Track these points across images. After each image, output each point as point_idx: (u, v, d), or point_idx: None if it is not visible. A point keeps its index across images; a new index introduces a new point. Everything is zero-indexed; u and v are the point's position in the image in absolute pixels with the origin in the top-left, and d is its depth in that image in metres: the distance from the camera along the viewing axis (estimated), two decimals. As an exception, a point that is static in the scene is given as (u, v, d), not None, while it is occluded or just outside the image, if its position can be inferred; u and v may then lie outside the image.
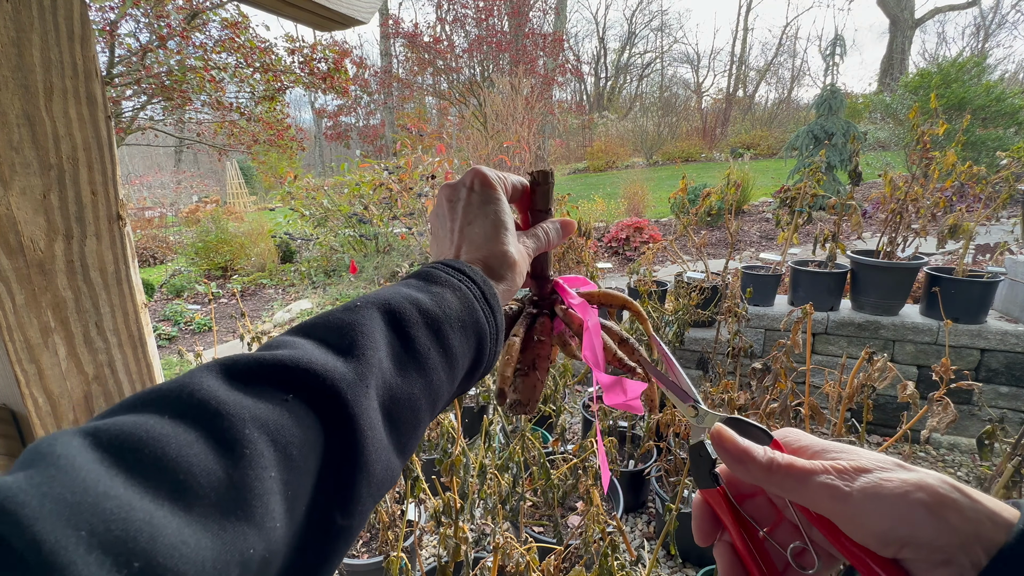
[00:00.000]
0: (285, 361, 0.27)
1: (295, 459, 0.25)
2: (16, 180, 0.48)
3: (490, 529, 1.64)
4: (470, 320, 0.38)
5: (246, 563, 0.21)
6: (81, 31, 0.52)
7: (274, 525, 0.23)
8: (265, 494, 0.23)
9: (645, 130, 19.87)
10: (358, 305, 0.34)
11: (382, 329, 0.33)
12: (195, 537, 0.20)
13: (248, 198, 16.10)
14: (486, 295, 0.40)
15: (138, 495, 0.19)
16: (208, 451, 0.22)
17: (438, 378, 0.35)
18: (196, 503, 0.21)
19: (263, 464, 0.23)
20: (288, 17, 0.73)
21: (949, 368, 1.58)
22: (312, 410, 0.27)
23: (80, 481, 0.18)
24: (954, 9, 22.67)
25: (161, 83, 6.04)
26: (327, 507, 0.27)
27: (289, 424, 0.25)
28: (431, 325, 0.35)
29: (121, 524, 0.18)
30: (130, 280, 0.59)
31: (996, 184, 2.82)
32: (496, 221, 0.46)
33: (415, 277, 0.39)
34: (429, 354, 0.34)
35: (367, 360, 0.30)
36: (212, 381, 0.25)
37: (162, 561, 0.18)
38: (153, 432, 0.21)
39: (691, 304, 2.60)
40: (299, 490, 0.25)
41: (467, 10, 15.56)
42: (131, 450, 0.21)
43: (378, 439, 0.30)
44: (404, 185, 6.04)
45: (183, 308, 5.82)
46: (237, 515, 0.22)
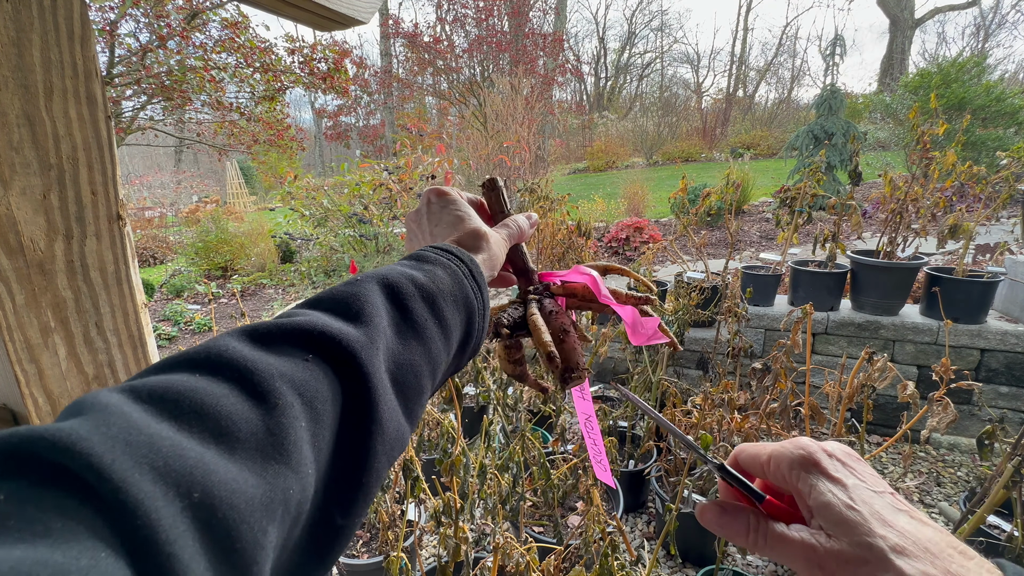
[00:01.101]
0: (304, 325, 0.29)
1: (319, 412, 0.26)
2: (16, 180, 0.48)
3: (490, 529, 1.64)
4: (460, 295, 0.40)
5: (287, 503, 0.23)
6: (81, 31, 0.52)
7: (308, 471, 0.24)
8: (299, 441, 0.24)
9: (645, 130, 19.87)
10: (359, 280, 0.35)
11: (383, 300, 0.35)
12: (243, 475, 0.21)
13: (248, 198, 16.09)
14: (472, 272, 0.43)
15: (186, 437, 0.20)
16: (244, 401, 0.23)
17: (436, 347, 0.37)
18: (239, 447, 0.22)
19: (294, 414, 0.25)
20: (288, 17, 0.73)
21: (949, 368, 1.58)
22: (331, 368, 0.28)
23: (133, 423, 0.19)
24: (954, 9, 22.67)
25: (161, 83, 6.04)
26: (347, 459, 0.28)
27: (312, 380, 0.27)
28: (427, 298, 0.37)
29: (178, 460, 0.19)
30: (130, 280, 0.59)
31: (996, 184, 2.82)
32: (459, 213, 0.51)
33: (407, 259, 0.42)
34: (427, 324, 0.36)
35: (375, 326, 0.32)
36: (236, 343, 0.26)
37: (218, 493, 0.19)
38: (189, 385, 0.22)
39: (691, 304, 2.60)
40: (323, 442, 0.26)
41: (467, 10, 15.56)
42: (171, 401, 0.21)
43: (389, 399, 0.31)
44: (404, 185, 6.04)
45: (183, 308, 5.81)
46: (276, 459, 0.23)
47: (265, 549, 0.21)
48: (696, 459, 1.69)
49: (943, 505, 2.25)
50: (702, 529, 1.98)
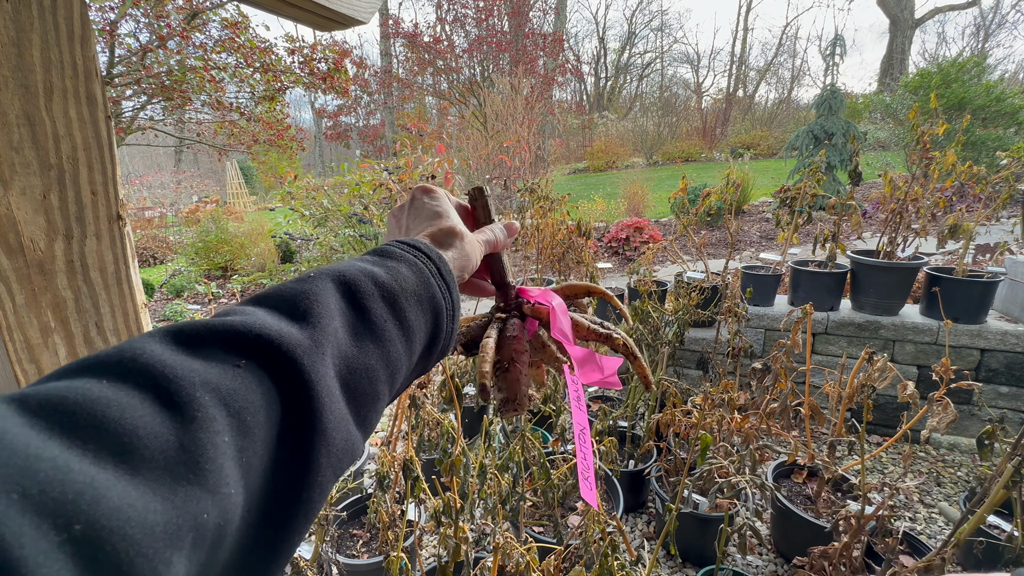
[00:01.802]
0: (237, 326, 0.26)
1: (249, 425, 0.24)
2: (16, 180, 0.48)
3: (490, 529, 1.64)
4: (426, 294, 0.38)
5: (199, 528, 0.20)
6: (81, 31, 0.52)
7: (228, 492, 0.22)
8: (218, 458, 0.22)
9: (645, 130, 19.86)
10: (312, 276, 0.33)
11: (336, 299, 0.32)
12: (143, 500, 0.18)
13: (248, 198, 16.09)
14: (441, 271, 0.40)
15: (76, 457, 0.18)
16: (155, 413, 0.21)
17: (395, 350, 0.34)
18: (143, 466, 0.19)
19: (215, 428, 0.22)
20: (288, 17, 0.73)
21: (949, 368, 1.58)
22: (267, 375, 0.26)
23: (7, 444, 0.17)
24: (954, 9, 22.66)
25: (161, 83, 6.04)
26: (285, 476, 0.26)
27: (242, 389, 0.24)
28: (387, 298, 0.35)
29: (58, 486, 0.17)
30: (130, 280, 0.59)
31: (996, 184, 2.82)
32: (438, 209, 0.48)
33: (370, 254, 0.39)
34: (385, 326, 0.34)
35: (323, 328, 0.30)
36: (156, 346, 0.23)
37: (106, 524, 0.17)
38: (90, 395, 0.20)
39: (691, 304, 2.60)
40: (254, 458, 0.24)
41: (467, 10, 15.56)
42: (66, 413, 0.19)
43: (336, 407, 0.29)
44: (404, 185, 6.04)
45: (183, 308, 5.81)
46: (188, 479, 0.20)
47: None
48: (695, 459, 1.69)
49: (943, 505, 2.25)
50: (702, 529, 1.97)
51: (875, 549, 1.60)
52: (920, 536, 1.86)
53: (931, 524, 2.16)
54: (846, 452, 2.50)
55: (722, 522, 1.50)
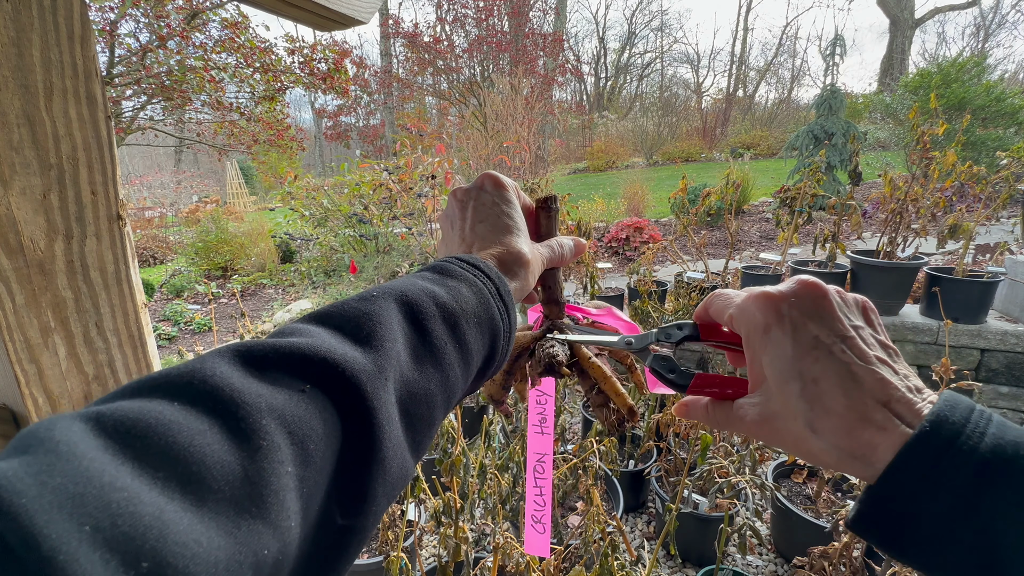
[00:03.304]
0: (304, 349, 0.26)
1: (312, 454, 0.24)
2: (16, 180, 0.48)
3: (490, 529, 1.64)
4: (485, 316, 0.37)
5: (259, 565, 0.20)
6: (81, 31, 0.52)
7: (289, 524, 0.22)
8: (282, 490, 0.22)
9: (645, 130, 19.87)
10: (374, 295, 0.32)
11: (399, 320, 0.31)
12: (207, 535, 0.18)
13: (248, 198, 16.09)
14: (500, 292, 0.39)
15: (146, 486, 0.18)
16: (222, 441, 0.21)
17: (454, 374, 0.33)
18: (209, 497, 0.19)
19: (280, 458, 0.22)
20: (288, 17, 0.73)
21: (949, 368, 1.58)
22: (331, 402, 0.25)
23: (83, 470, 0.17)
24: (954, 9, 22.67)
25: (161, 83, 6.04)
26: (342, 506, 0.25)
27: (307, 416, 0.24)
28: (448, 319, 0.34)
29: (129, 519, 0.16)
30: (130, 280, 0.59)
31: (996, 184, 2.82)
32: (509, 220, 0.45)
33: (429, 270, 0.38)
34: (446, 348, 0.33)
35: (386, 352, 0.29)
36: (225, 367, 0.23)
37: (172, 561, 0.17)
38: (162, 418, 0.20)
39: (691, 304, 2.60)
40: (314, 488, 0.24)
41: (467, 10, 15.56)
42: (139, 437, 0.19)
43: (395, 435, 0.28)
44: (404, 185, 6.04)
45: (183, 308, 5.81)
46: (252, 512, 0.20)
47: None
48: (695, 459, 1.69)
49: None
50: (702, 529, 1.97)
51: (875, 549, 1.60)
52: (920, 536, 1.86)
53: (931, 524, 2.16)
54: (846, 452, 2.50)
55: (722, 522, 1.50)
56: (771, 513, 2.07)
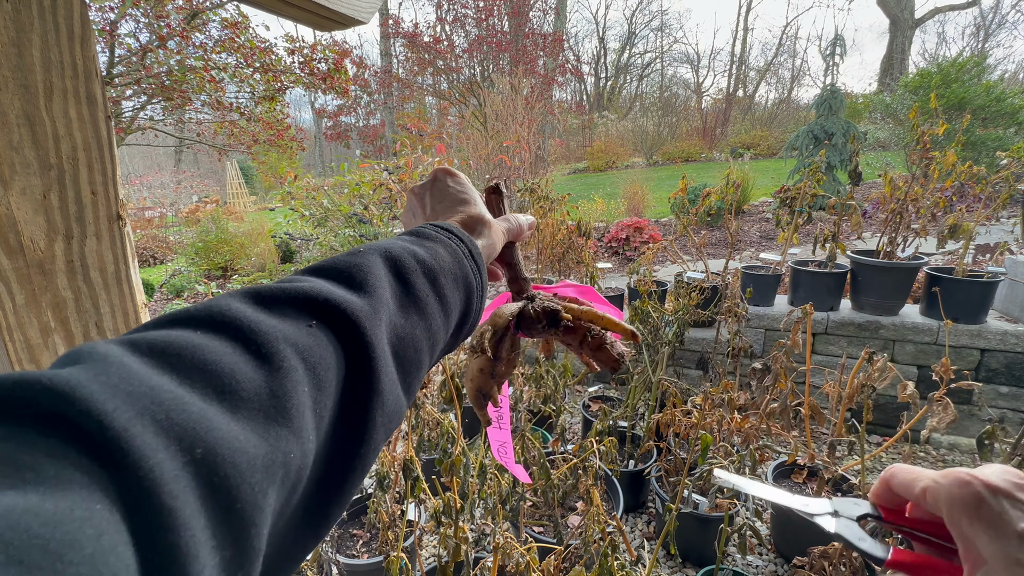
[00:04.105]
0: (308, 290, 0.28)
1: (322, 379, 0.26)
2: (16, 180, 0.48)
3: (490, 529, 1.64)
4: (460, 273, 0.40)
5: (287, 467, 0.22)
6: (81, 31, 0.52)
7: (309, 437, 0.24)
8: (302, 406, 0.24)
9: (645, 130, 19.86)
10: (362, 251, 0.35)
11: (385, 273, 0.34)
12: (245, 435, 0.20)
13: (248, 198, 16.08)
14: (472, 252, 0.42)
15: (188, 392, 0.20)
16: (248, 361, 0.23)
17: (436, 323, 0.37)
18: (242, 406, 0.21)
19: (298, 378, 0.24)
20: (288, 17, 0.73)
21: (949, 368, 1.58)
22: (334, 336, 0.28)
23: (134, 374, 0.18)
24: (954, 9, 22.66)
25: (161, 83, 6.03)
26: (347, 429, 0.28)
27: (315, 346, 0.26)
28: (428, 274, 0.37)
29: (181, 414, 0.18)
30: (130, 280, 0.59)
31: (996, 184, 2.82)
32: (464, 194, 0.51)
33: (408, 234, 0.41)
34: (428, 300, 0.36)
35: (378, 297, 0.32)
36: (239, 304, 0.25)
37: (220, 451, 0.19)
38: (191, 341, 0.22)
39: (691, 304, 2.60)
40: (324, 410, 0.26)
41: (467, 10, 15.56)
42: (173, 355, 0.21)
43: (389, 371, 0.31)
44: (404, 185, 6.04)
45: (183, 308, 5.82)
46: (279, 421, 0.22)
47: (264, 511, 0.20)
48: (695, 459, 1.69)
49: (943, 505, 2.25)
50: (702, 529, 1.97)
51: (875, 549, 1.60)
52: (920, 536, 1.86)
53: (931, 524, 2.16)
54: (846, 452, 2.50)
55: (722, 522, 1.50)
56: (771, 513, 2.06)
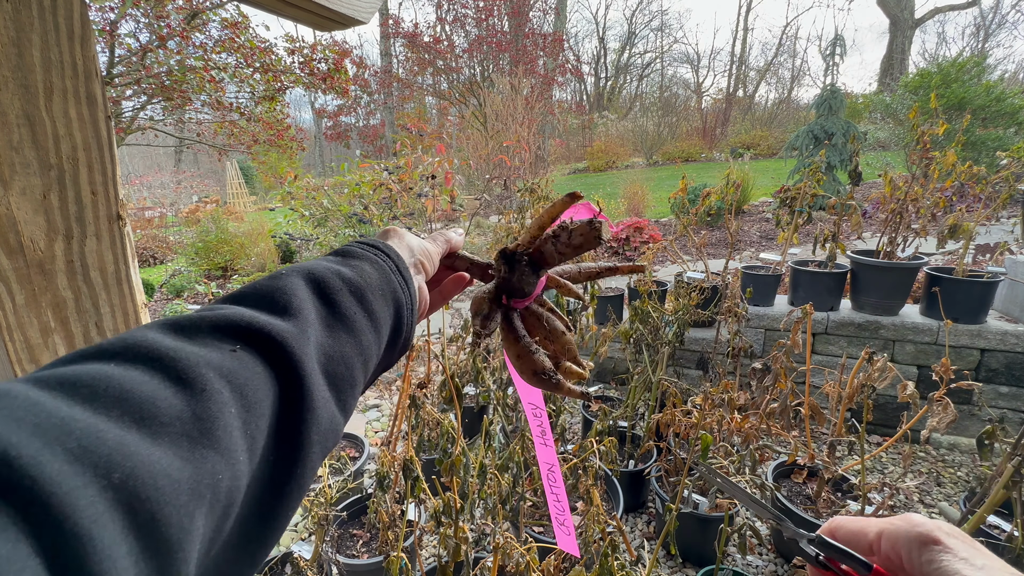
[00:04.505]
0: (229, 316, 0.28)
1: (251, 400, 0.25)
2: (16, 180, 0.48)
3: (490, 529, 1.64)
4: (388, 289, 0.40)
5: (215, 488, 0.22)
6: (81, 31, 0.52)
7: (238, 458, 0.23)
8: (229, 427, 0.23)
9: (645, 130, 19.86)
10: (283, 273, 0.35)
11: (309, 294, 0.34)
12: (168, 459, 0.20)
13: (248, 198, 16.08)
14: (399, 267, 0.43)
15: (103, 420, 0.19)
16: (168, 387, 0.22)
17: (366, 340, 0.37)
18: (163, 431, 0.21)
19: (223, 401, 0.24)
20: (288, 17, 0.73)
21: (949, 368, 1.58)
22: (261, 358, 0.28)
23: (42, 406, 0.18)
24: (954, 9, 22.66)
25: (161, 83, 6.03)
26: (282, 450, 0.28)
27: (241, 369, 0.26)
28: (355, 292, 0.37)
29: (93, 441, 0.18)
30: (130, 280, 0.59)
31: (996, 184, 2.82)
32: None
33: (333, 254, 0.42)
34: (356, 317, 0.36)
35: (303, 318, 0.32)
36: (156, 334, 0.25)
37: (140, 475, 0.18)
38: (105, 372, 0.21)
39: (691, 304, 2.60)
40: (256, 431, 0.26)
41: (467, 10, 15.56)
42: (85, 386, 0.20)
43: (322, 389, 0.31)
44: (404, 185, 6.05)
45: (183, 308, 5.81)
46: (204, 443, 0.22)
47: (191, 535, 0.20)
48: (696, 459, 1.68)
49: (943, 505, 2.25)
50: (702, 529, 1.97)
51: (875, 549, 1.60)
52: (920, 536, 1.86)
53: (931, 524, 2.16)
54: (846, 452, 2.50)
55: (722, 522, 1.50)
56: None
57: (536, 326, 0.51)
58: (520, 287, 0.49)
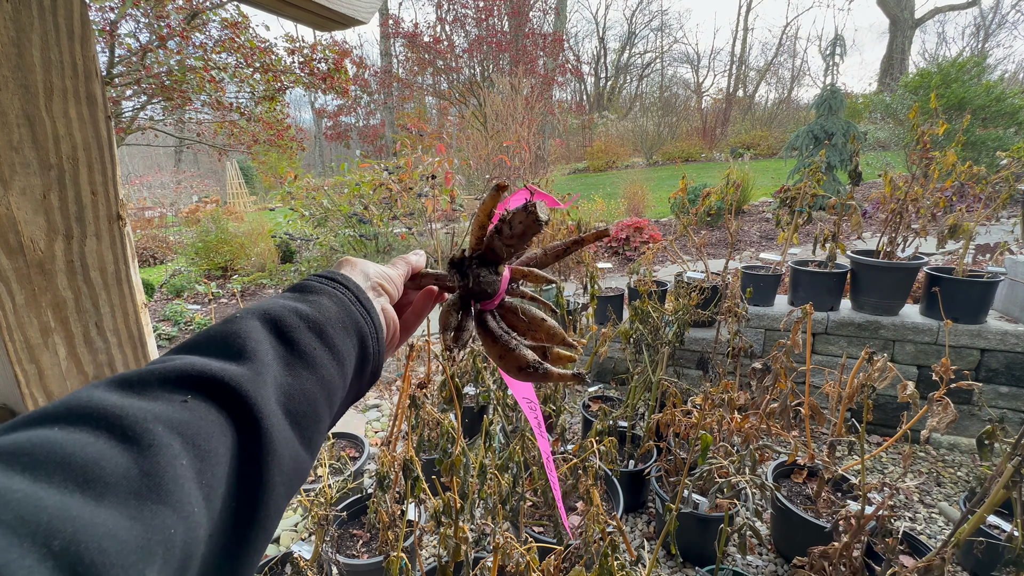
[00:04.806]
0: (179, 367, 0.28)
1: (205, 449, 0.25)
2: (16, 180, 0.48)
3: (490, 529, 1.64)
4: (349, 320, 0.40)
5: (168, 544, 0.21)
6: (81, 31, 0.52)
7: (192, 510, 0.23)
8: (179, 479, 0.23)
9: (645, 130, 19.86)
10: (238, 316, 0.35)
11: (265, 335, 0.34)
12: (113, 520, 0.20)
13: (248, 198, 16.08)
14: (359, 297, 0.42)
15: (44, 488, 0.19)
16: (112, 446, 0.22)
17: (329, 374, 0.36)
18: (108, 491, 0.20)
19: (172, 453, 0.24)
20: (288, 17, 0.73)
21: (949, 368, 1.58)
22: (215, 406, 0.27)
23: None
24: (954, 9, 22.65)
25: (161, 83, 6.03)
26: (243, 494, 0.27)
27: (193, 419, 0.26)
28: (313, 328, 0.37)
29: (31, 510, 0.17)
30: (130, 280, 0.59)
31: (996, 184, 2.82)
32: None
33: (291, 290, 0.41)
34: (316, 353, 0.36)
35: (259, 360, 0.32)
36: (102, 393, 0.25)
37: (83, 539, 0.18)
38: (47, 437, 0.21)
39: (691, 304, 2.60)
40: (213, 479, 0.25)
41: (467, 10, 15.56)
42: (24, 455, 0.20)
43: (282, 429, 0.30)
44: (404, 185, 6.05)
45: (183, 308, 5.81)
46: (153, 499, 0.22)
47: None
48: (695, 459, 1.69)
49: (943, 505, 2.25)
50: (702, 529, 1.97)
51: (875, 549, 1.60)
52: (920, 536, 1.86)
53: (931, 524, 2.16)
54: (846, 452, 2.50)
55: (722, 522, 1.50)
56: (771, 513, 2.06)
57: (515, 320, 0.50)
58: (483, 289, 0.48)
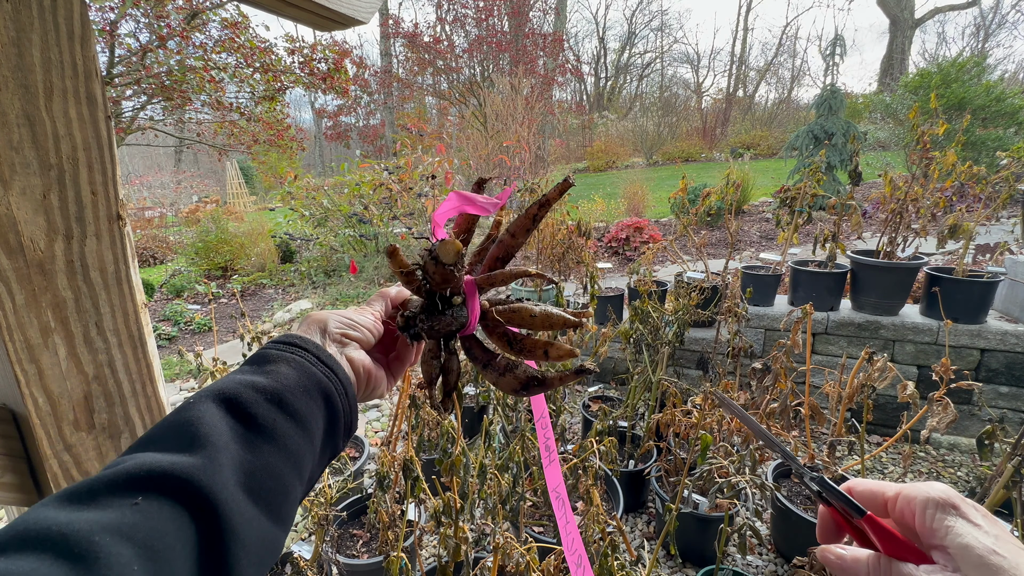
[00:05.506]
0: (128, 470, 0.28)
1: (158, 549, 0.25)
2: (16, 180, 0.48)
3: (490, 529, 1.64)
4: (311, 383, 0.39)
5: None
6: (81, 31, 0.52)
7: None
8: None
9: (645, 130, 19.86)
10: (192, 402, 0.34)
11: (221, 416, 0.34)
12: None
13: (248, 198, 16.09)
14: (320, 357, 0.42)
15: None
16: (59, 566, 0.22)
17: (294, 443, 0.36)
18: None
19: (122, 562, 0.24)
20: (288, 17, 0.73)
21: (949, 368, 1.58)
22: (168, 502, 0.27)
23: None
24: (954, 9, 22.66)
25: (161, 83, 6.04)
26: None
27: (144, 521, 0.26)
28: (271, 399, 0.36)
29: None
30: (130, 280, 0.59)
31: (996, 184, 2.82)
32: None
33: (248, 363, 0.41)
34: (277, 424, 0.35)
35: (213, 445, 0.31)
36: (49, 512, 0.25)
37: None
38: None
39: (691, 304, 2.60)
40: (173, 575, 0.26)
41: (467, 10, 15.55)
42: None
43: (244, 510, 0.30)
44: (404, 185, 6.05)
45: (183, 308, 5.81)
46: None
47: None
48: (695, 459, 1.69)
49: (943, 505, 2.25)
50: (702, 529, 1.97)
51: (875, 549, 1.60)
52: (920, 536, 1.86)
53: (931, 524, 2.16)
54: (846, 452, 2.50)
55: (722, 522, 1.50)
56: (771, 513, 2.07)
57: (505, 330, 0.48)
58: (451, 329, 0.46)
